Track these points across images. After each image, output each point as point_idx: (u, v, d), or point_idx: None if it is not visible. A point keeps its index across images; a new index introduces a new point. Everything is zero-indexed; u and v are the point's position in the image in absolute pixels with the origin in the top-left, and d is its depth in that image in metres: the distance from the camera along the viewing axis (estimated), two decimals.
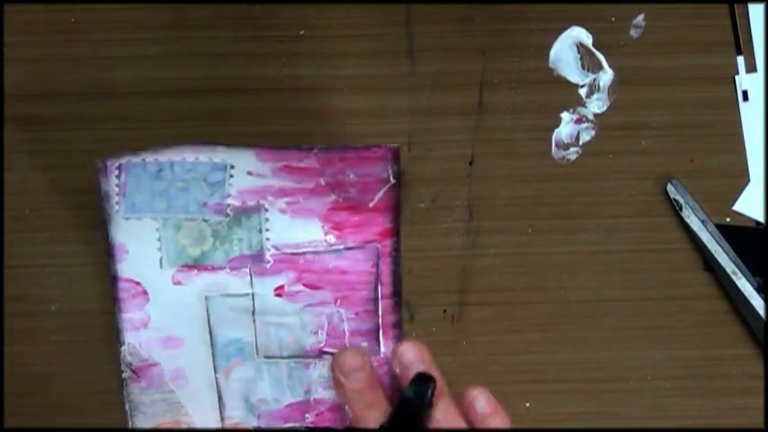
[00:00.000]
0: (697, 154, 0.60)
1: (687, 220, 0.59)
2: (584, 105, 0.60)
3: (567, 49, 0.60)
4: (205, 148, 0.57)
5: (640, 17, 0.60)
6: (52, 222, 0.60)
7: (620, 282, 0.60)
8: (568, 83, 0.60)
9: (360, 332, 0.59)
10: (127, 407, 0.59)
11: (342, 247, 0.59)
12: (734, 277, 0.59)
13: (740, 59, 0.60)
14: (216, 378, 0.59)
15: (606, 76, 0.60)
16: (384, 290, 0.59)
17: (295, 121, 0.60)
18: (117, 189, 0.57)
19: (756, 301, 0.59)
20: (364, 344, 0.59)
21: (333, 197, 0.58)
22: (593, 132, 0.60)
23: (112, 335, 0.59)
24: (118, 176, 0.57)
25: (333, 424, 0.59)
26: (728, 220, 0.60)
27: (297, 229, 0.58)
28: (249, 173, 0.58)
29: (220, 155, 0.57)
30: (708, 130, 0.60)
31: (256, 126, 0.60)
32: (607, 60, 0.60)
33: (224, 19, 0.60)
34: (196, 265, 0.58)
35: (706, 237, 0.59)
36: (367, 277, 0.59)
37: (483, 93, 0.60)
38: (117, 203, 0.57)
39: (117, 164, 0.57)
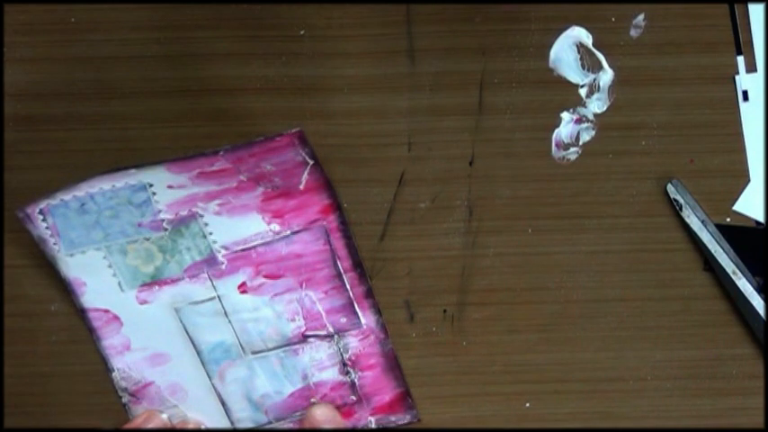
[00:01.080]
0: (697, 154, 0.60)
1: (687, 220, 0.59)
2: (584, 105, 0.60)
3: (567, 49, 0.60)
4: (118, 175, 0.57)
5: (640, 17, 0.60)
6: None
7: (620, 282, 0.60)
8: (568, 83, 0.60)
9: (335, 309, 0.59)
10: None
11: (288, 232, 0.58)
12: (734, 277, 0.59)
13: (740, 59, 0.60)
14: (213, 384, 0.59)
15: (606, 76, 0.60)
16: (344, 264, 0.59)
17: (295, 121, 0.60)
18: (49, 232, 0.57)
19: (756, 301, 0.59)
20: (343, 320, 0.59)
21: (261, 189, 0.57)
22: (593, 132, 0.60)
23: None
24: (44, 220, 0.57)
25: (339, 402, 0.59)
26: (728, 220, 0.60)
27: (239, 226, 0.58)
28: (170, 186, 0.57)
29: (134, 177, 0.57)
30: (708, 130, 0.60)
31: (256, 126, 0.60)
32: (607, 60, 0.60)
33: (224, 19, 0.60)
34: (155, 281, 0.58)
35: (706, 237, 0.59)
36: (323, 255, 0.58)
37: (483, 93, 0.60)
38: (55, 244, 0.58)
39: (38, 209, 0.57)
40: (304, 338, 0.59)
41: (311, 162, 0.57)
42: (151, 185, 0.57)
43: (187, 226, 0.58)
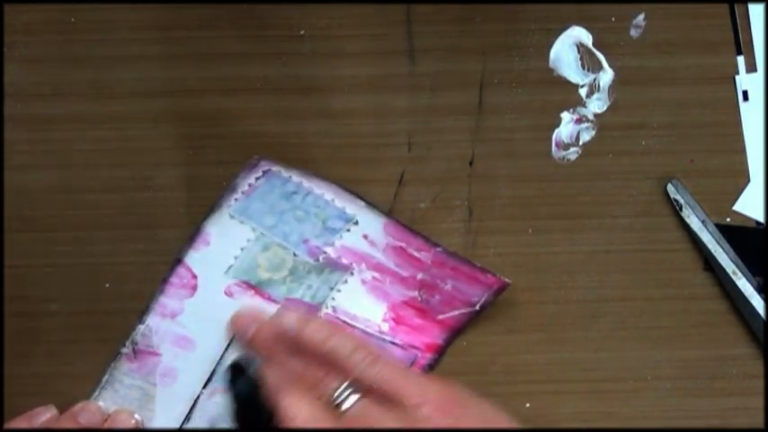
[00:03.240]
0: (697, 154, 0.60)
1: (687, 220, 0.59)
2: (584, 105, 0.60)
3: (567, 49, 0.60)
4: (347, 195, 0.57)
5: (640, 17, 0.60)
6: (52, 222, 0.60)
7: (620, 282, 0.60)
8: (568, 83, 0.60)
9: None
10: (105, 377, 0.58)
11: (389, 339, 0.59)
12: (734, 277, 0.59)
13: (740, 59, 0.60)
14: (200, 393, 0.58)
15: (606, 76, 0.60)
16: None
17: (295, 121, 0.60)
18: (247, 188, 0.57)
19: (756, 301, 0.59)
20: None
21: (415, 293, 0.58)
22: (593, 132, 0.60)
23: (112, 335, 0.59)
24: (257, 178, 0.57)
25: None
26: (728, 220, 0.60)
27: (363, 303, 0.58)
28: (365, 236, 0.57)
29: (355, 208, 0.57)
30: (708, 130, 0.60)
31: (256, 126, 0.60)
32: (607, 60, 0.60)
33: (224, 19, 0.60)
34: (256, 287, 0.58)
35: (706, 237, 0.59)
36: None
37: (483, 93, 0.60)
38: (235, 200, 0.57)
39: (267, 168, 0.57)
40: None
41: (476, 309, 0.58)
42: (356, 224, 0.57)
43: (331, 271, 0.58)
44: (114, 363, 0.58)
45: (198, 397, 0.58)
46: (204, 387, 0.58)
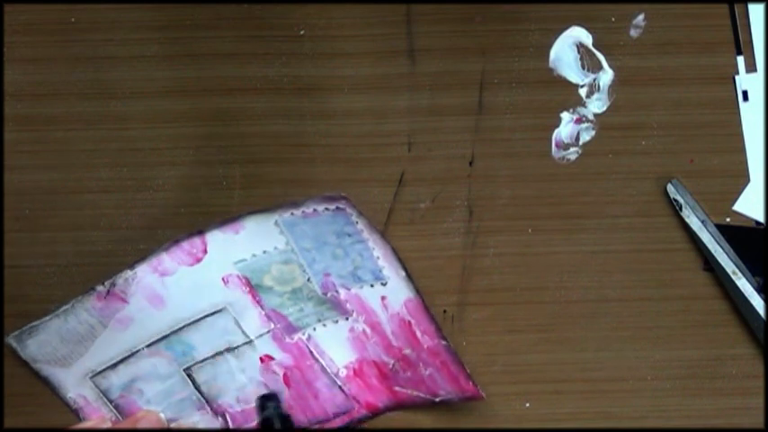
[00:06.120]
0: (697, 154, 0.60)
1: (687, 220, 0.59)
2: (584, 105, 0.60)
3: (567, 49, 0.60)
4: (394, 261, 0.57)
5: (640, 17, 0.60)
6: (52, 222, 0.60)
7: (620, 282, 0.60)
8: (568, 83, 0.60)
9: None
10: (65, 307, 0.57)
11: (339, 383, 0.59)
12: (734, 277, 0.59)
13: (740, 59, 0.60)
14: (141, 348, 0.58)
15: (606, 76, 0.60)
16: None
17: (295, 122, 0.60)
18: (310, 211, 0.56)
19: (756, 301, 0.59)
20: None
21: (390, 361, 0.59)
22: (593, 132, 0.60)
23: None
24: (327, 209, 0.56)
25: None
26: (728, 220, 0.60)
27: (336, 347, 0.59)
28: (383, 297, 0.58)
29: (393, 273, 0.57)
30: (708, 130, 0.60)
31: (256, 126, 0.60)
32: (607, 60, 0.60)
33: (224, 19, 0.60)
34: (254, 288, 0.58)
35: (706, 237, 0.59)
36: (320, 414, 0.60)
37: (483, 93, 0.60)
38: (291, 214, 0.56)
39: (343, 206, 0.55)
40: (216, 413, 0.59)
41: (436, 401, 0.59)
42: (384, 285, 0.58)
43: (330, 309, 0.58)
44: (82, 297, 0.57)
45: (137, 351, 0.58)
46: (148, 346, 0.58)
